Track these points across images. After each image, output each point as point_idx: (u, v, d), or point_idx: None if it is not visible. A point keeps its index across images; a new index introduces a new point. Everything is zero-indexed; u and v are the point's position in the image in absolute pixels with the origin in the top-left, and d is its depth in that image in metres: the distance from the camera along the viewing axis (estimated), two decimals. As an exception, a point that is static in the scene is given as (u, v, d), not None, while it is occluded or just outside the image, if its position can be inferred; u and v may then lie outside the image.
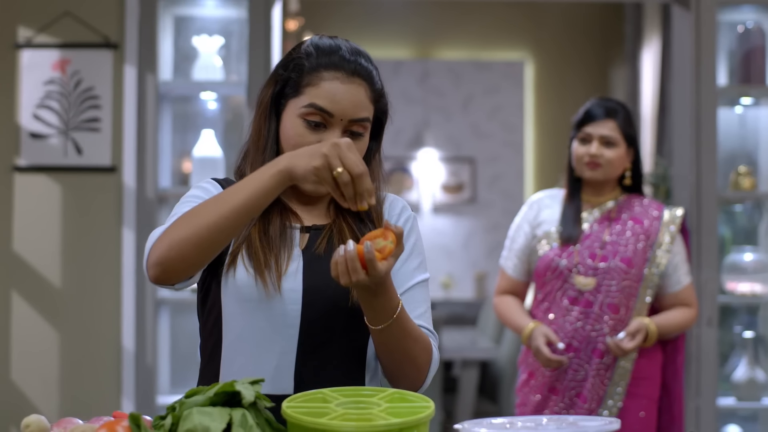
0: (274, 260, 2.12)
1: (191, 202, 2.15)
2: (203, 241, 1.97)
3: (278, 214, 2.19)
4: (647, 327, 3.64)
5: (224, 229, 1.97)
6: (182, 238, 1.97)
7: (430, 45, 10.56)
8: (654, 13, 7.98)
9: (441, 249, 10.49)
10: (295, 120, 2.13)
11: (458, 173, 10.50)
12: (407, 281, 2.22)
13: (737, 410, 5.02)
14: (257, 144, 2.20)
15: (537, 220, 3.87)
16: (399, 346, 2.09)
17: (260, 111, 2.20)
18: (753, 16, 5.14)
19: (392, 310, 2.03)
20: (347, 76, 2.12)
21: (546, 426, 1.83)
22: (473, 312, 9.53)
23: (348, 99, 2.12)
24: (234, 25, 4.99)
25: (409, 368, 2.13)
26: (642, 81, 8.40)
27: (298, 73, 2.14)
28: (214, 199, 2.00)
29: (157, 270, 2.00)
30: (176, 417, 1.76)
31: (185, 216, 2.01)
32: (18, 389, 4.72)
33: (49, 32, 4.75)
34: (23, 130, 4.72)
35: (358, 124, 2.14)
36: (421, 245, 2.29)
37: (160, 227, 2.07)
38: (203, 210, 1.99)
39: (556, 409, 3.73)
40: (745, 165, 5.03)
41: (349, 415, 1.77)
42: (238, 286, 2.11)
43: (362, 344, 2.19)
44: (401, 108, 10.43)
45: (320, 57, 2.14)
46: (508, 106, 10.49)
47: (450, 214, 10.51)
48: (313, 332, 2.13)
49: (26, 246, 4.76)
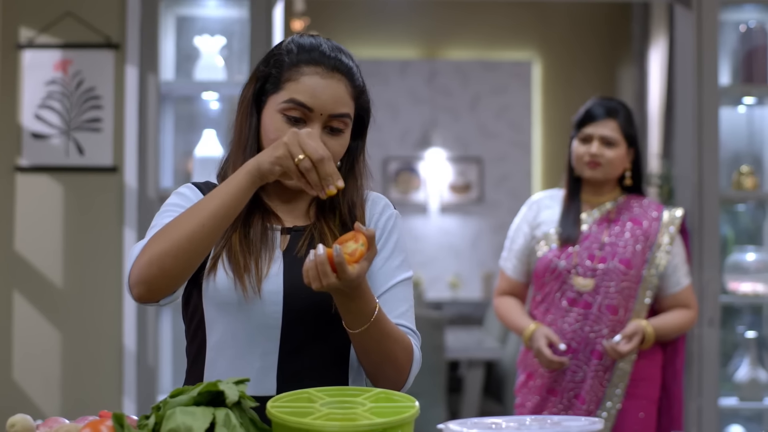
0: (254, 264, 2.12)
1: (170, 212, 2.15)
2: (184, 252, 1.98)
3: (259, 217, 2.19)
4: (644, 329, 3.63)
5: (203, 237, 1.98)
6: (162, 252, 1.98)
7: (438, 45, 10.56)
8: (661, 13, 7.97)
9: (448, 249, 10.49)
10: (274, 116, 2.13)
11: (466, 173, 10.49)
12: (389, 280, 2.21)
13: (740, 410, 5.00)
14: (239, 143, 2.19)
15: (536, 220, 3.86)
16: (378, 349, 2.08)
17: (242, 109, 2.20)
18: (755, 16, 5.12)
19: (369, 314, 2.03)
20: (327, 71, 2.13)
21: (529, 426, 1.82)
22: (480, 312, 9.52)
23: (328, 94, 2.12)
24: (236, 25, 4.99)
25: (389, 369, 2.13)
26: (649, 81, 8.38)
27: (279, 69, 2.15)
28: (190, 210, 2.01)
29: (140, 289, 2.01)
30: (160, 417, 1.77)
31: (163, 230, 2.01)
32: (20, 389, 4.73)
33: (51, 32, 4.75)
34: (25, 131, 4.73)
35: (338, 119, 2.14)
36: (404, 243, 2.28)
37: (139, 243, 2.07)
38: (180, 221, 2.00)
39: (555, 410, 3.73)
40: (748, 165, 5.02)
41: (334, 415, 1.77)
42: (218, 291, 2.12)
43: (345, 344, 2.18)
44: (408, 108, 10.43)
45: (301, 53, 2.14)
46: (515, 106, 10.48)
47: (457, 214, 10.51)
48: (294, 333, 2.14)
49: (28, 246, 4.77)
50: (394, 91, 10.50)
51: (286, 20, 6.61)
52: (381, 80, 10.46)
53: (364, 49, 10.49)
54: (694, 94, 4.83)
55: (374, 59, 10.41)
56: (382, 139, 10.33)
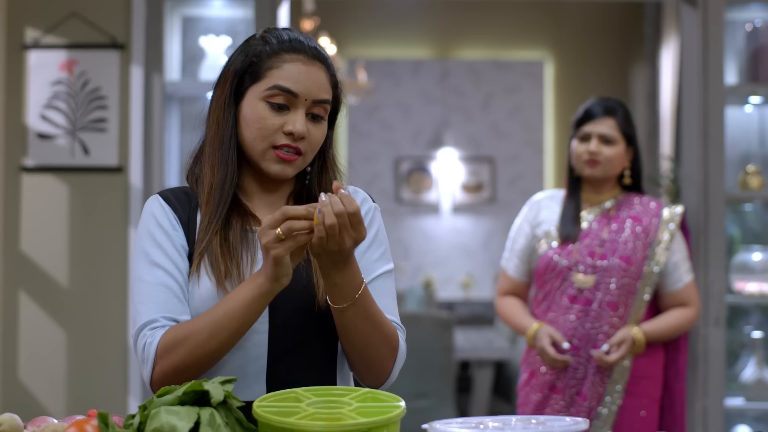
0: (235, 268, 2.12)
1: (153, 263, 2.14)
2: (211, 363, 2.06)
3: (238, 219, 2.18)
4: (633, 337, 3.64)
5: (229, 348, 2.07)
6: (187, 365, 2.04)
7: (450, 45, 10.56)
8: (672, 13, 7.94)
9: (460, 249, 10.49)
10: (257, 104, 2.12)
11: (478, 173, 10.49)
12: (369, 273, 2.21)
13: (746, 411, 4.98)
14: (215, 139, 2.18)
15: (537, 219, 3.87)
16: (362, 329, 2.07)
17: (217, 105, 2.18)
18: (761, 15, 5.10)
19: (356, 287, 2.02)
20: (309, 58, 2.14)
21: (514, 426, 1.82)
22: (492, 312, 9.52)
23: (311, 80, 2.13)
24: (241, 25, 5.00)
25: (372, 357, 2.11)
26: (661, 81, 8.36)
27: (259, 59, 2.14)
28: (212, 328, 2.03)
29: (168, 377, 2.05)
30: (145, 416, 1.76)
31: (186, 340, 2.03)
32: (26, 388, 4.74)
33: (56, 33, 4.76)
34: (30, 131, 4.74)
35: (320, 105, 2.14)
36: (383, 236, 2.27)
37: (140, 322, 2.10)
38: (204, 339, 2.03)
39: (557, 408, 3.73)
40: (755, 164, 5.00)
41: (319, 415, 1.77)
42: (201, 296, 2.11)
43: (332, 345, 2.18)
44: (421, 108, 10.44)
45: (281, 42, 2.15)
46: (527, 106, 10.48)
47: (470, 214, 10.51)
48: (282, 336, 2.13)
49: (34, 246, 4.78)
50: (406, 91, 10.51)
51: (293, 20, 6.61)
52: (393, 80, 10.47)
53: (376, 49, 10.50)
54: (700, 94, 4.81)
55: (386, 59, 10.43)
56: (394, 139, 10.34)
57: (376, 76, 10.15)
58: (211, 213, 2.14)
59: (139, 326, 2.09)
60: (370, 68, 9.86)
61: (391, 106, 10.48)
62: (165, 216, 2.18)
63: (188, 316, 2.11)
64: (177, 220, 2.18)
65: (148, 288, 2.12)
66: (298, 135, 2.10)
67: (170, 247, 2.14)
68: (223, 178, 2.16)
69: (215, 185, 2.15)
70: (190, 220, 2.18)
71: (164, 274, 2.11)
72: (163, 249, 2.14)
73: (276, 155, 2.12)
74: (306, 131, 2.11)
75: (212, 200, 2.15)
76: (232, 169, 2.16)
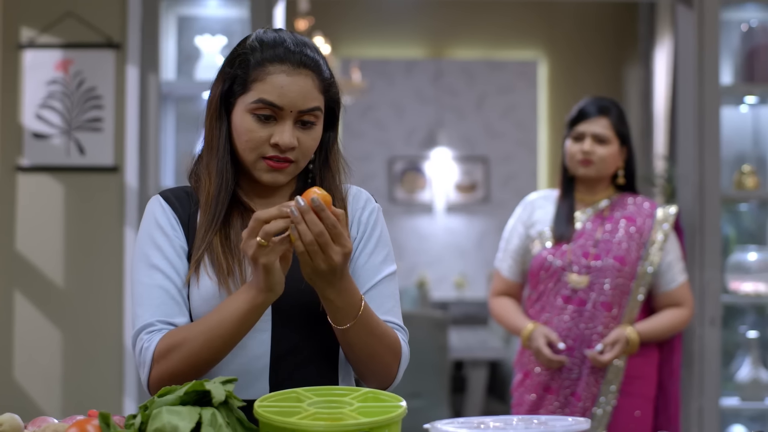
0: (237, 266, 2.12)
1: (153, 266, 2.15)
2: (205, 369, 2.07)
3: (239, 215, 2.18)
4: (627, 337, 3.64)
5: (224, 355, 2.08)
6: (182, 371, 2.04)
7: (444, 44, 10.55)
8: (666, 13, 7.96)
9: (454, 249, 10.49)
10: (245, 116, 2.11)
11: (471, 173, 10.50)
12: (374, 276, 2.21)
13: (741, 410, 4.99)
14: (210, 145, 2.18)
15: (531, 220, 3.87)
16: (366, 345, 2.08)
17: (210, 112, 2.19)
18: (757, 15, 5.10)
19: (356, 308, 2.03)
20: (293, 67, 2.11)
21: (516, 426, 1.82)
22: (486, 312, 9.51)
23: (296, 91, 2.10)
24: (236, 25, 4.99)
25: (377, 366, 2.12)
26: (655, 81, 8.37)
27: (244, 69, 2.12)
28: (208, 337, 2.03)
29: (164, 381, 2.04)
30: (146, 416, 1.76)
31: (182, 347, 2.04)
32: (21, 388, 4.74)
33: (52, 32, 4.76)
34: (26, 130, 4.73)
35: (309, 114, 2.12)
36: (387, 238, 2.27)
37: (140, 326, 2.10)
38: (199, 349, 2.03)
39: (551, 408, 3.73)
40: (751, 164, 5.00)
41: (320, 415, 1.77)
42: (203, 296, 2.11)
43: (334, 344, 2.17)
44: (414, 107, 10.44)
45: (265, 51, 2.12)
46: (521, 106, 10.48)
47: (463, 214, 10.51)
48: (284, 335, 2.13)
49: (29, 246, 4.77)
50: (399, 91, 10.50)
51: (288, 20, 6.61)
52: (387, 80, 10.47)
53: (370, 48, 10.49)
54: (695, 94, 4.82)
55: (380, 59, 10.42)
56: (387, 139, 10.34)
57: (370, 76, 10.14)
58: (207, 222, 2.15)
59: (136, 329, 2.10)
60: (364, 68, 9.85)
61: (385, 105, 10.47)
62: (165, 216, 2.19)
63: (186, 318, 2.11)
64: (177, 220, 2.18)
65: (146, 290, 2.12)
66: (285, 147, 2.09)
67: (169, 249, 2.14)
68: (219, 187, 2.16)
69: (212, 193, 2.16)
70: (190, 220, 2.19)
71: (162, 277, 2.12)
72: (162, 251, 2.14)
73: (266, 165, 2.12)
74: (294, 142, 2.10)
75: (209, 208, 2.16)
76: (227, 177, 2.17)
